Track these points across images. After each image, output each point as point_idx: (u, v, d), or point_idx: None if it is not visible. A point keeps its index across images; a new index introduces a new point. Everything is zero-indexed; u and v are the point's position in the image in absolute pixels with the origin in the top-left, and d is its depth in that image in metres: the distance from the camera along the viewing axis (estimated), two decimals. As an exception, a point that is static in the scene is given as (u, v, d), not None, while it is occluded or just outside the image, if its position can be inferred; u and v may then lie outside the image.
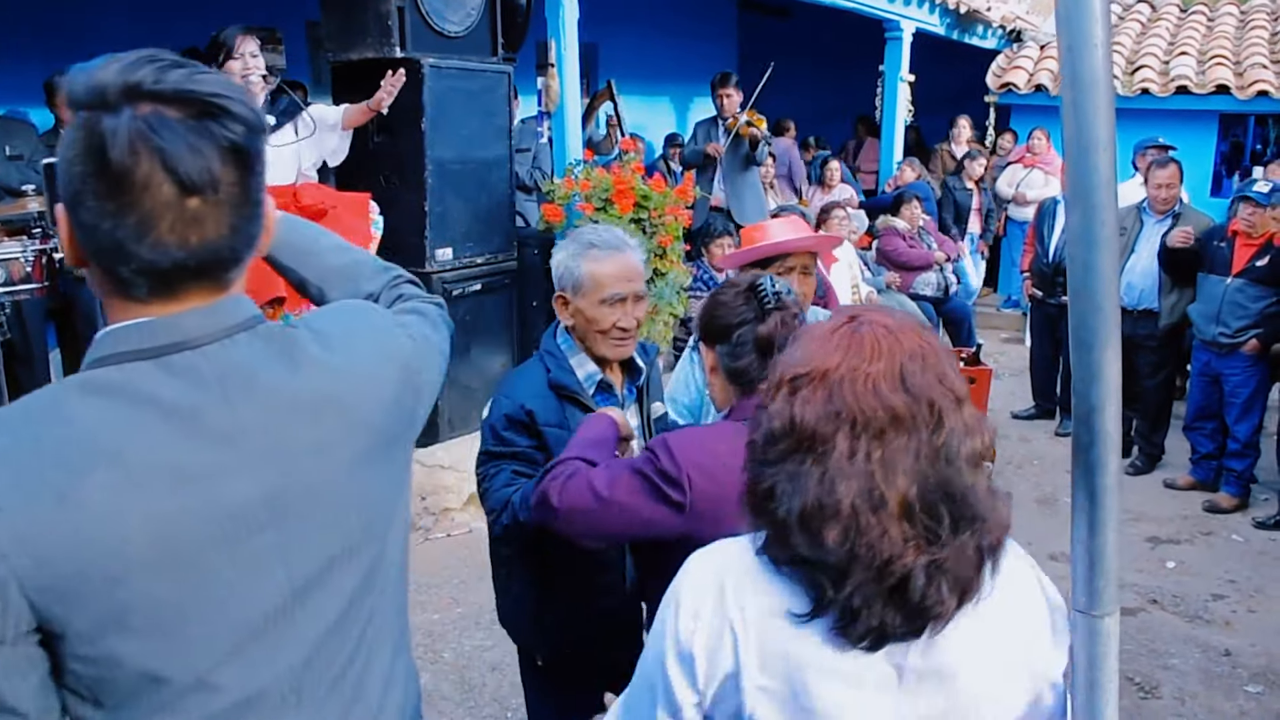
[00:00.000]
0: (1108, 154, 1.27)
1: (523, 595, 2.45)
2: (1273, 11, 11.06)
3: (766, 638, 1.23)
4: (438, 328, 1.52)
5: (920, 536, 1.19)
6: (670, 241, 6.01)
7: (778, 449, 1.24)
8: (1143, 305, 6.24)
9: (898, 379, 1.21)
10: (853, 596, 1.18)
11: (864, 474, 1.18)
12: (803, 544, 1.20)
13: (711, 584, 1.27)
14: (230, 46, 4.52)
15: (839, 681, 1.22)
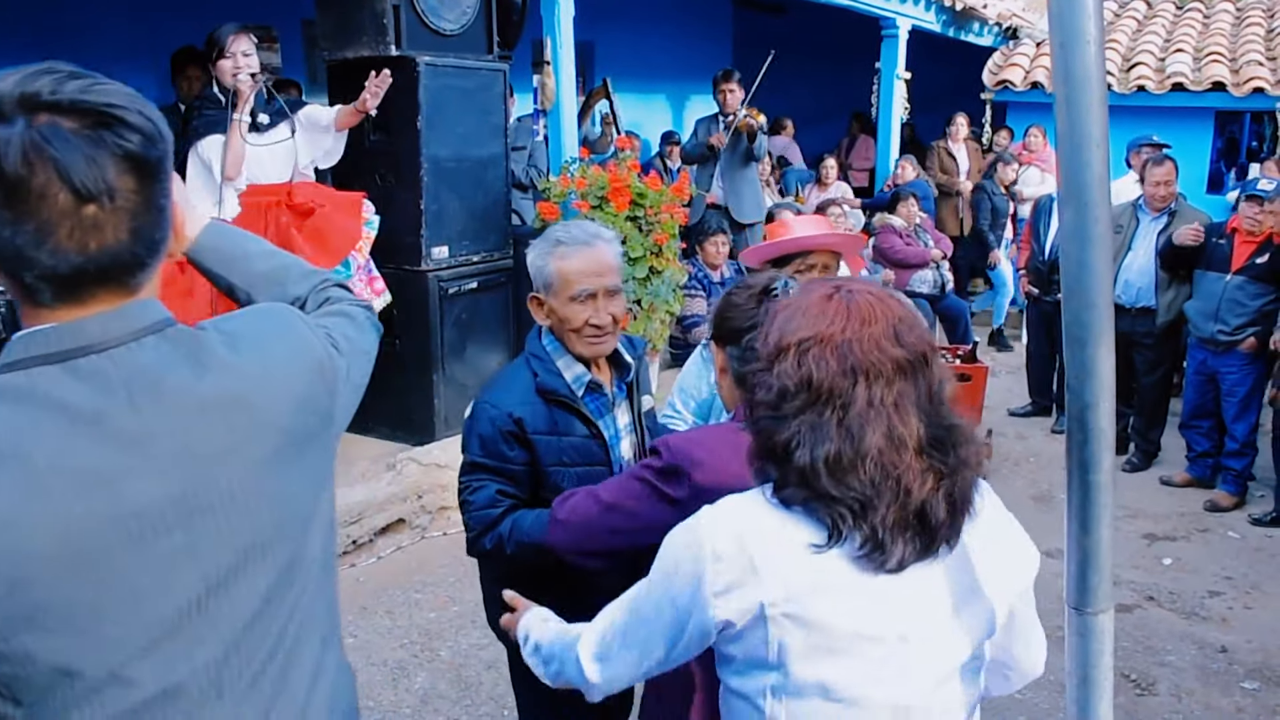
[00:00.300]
0: (1101, 150, 1.27)
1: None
2: (1268, 8, 11.07)
3: (789, 570, 1.37)
4: (364, 330, 1.56)
5: (933, 468, 1.37)
6: (666, 239, 6.01)
7: (793, 405, 1.38)
8: (1140, 303, 6.23)
9: (894, 336, 1.38)
10: (878, 527, 1.34)
11: (884, 418, 1.35)
12: (830, 485, 1.34)
13: (728, 529, 1.40)
14: (223, 45, 4.52)
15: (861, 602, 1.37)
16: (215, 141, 4.52)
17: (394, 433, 5.60)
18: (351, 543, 4.90)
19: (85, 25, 6.34)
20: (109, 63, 5.92)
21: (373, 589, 4.66)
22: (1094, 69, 1.25)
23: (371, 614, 4.44)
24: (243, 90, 4.51)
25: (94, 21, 6.40)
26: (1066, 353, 1.35)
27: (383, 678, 3.95)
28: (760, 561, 1.37)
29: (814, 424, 1.36)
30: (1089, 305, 1.31)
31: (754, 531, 1.39)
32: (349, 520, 4.88)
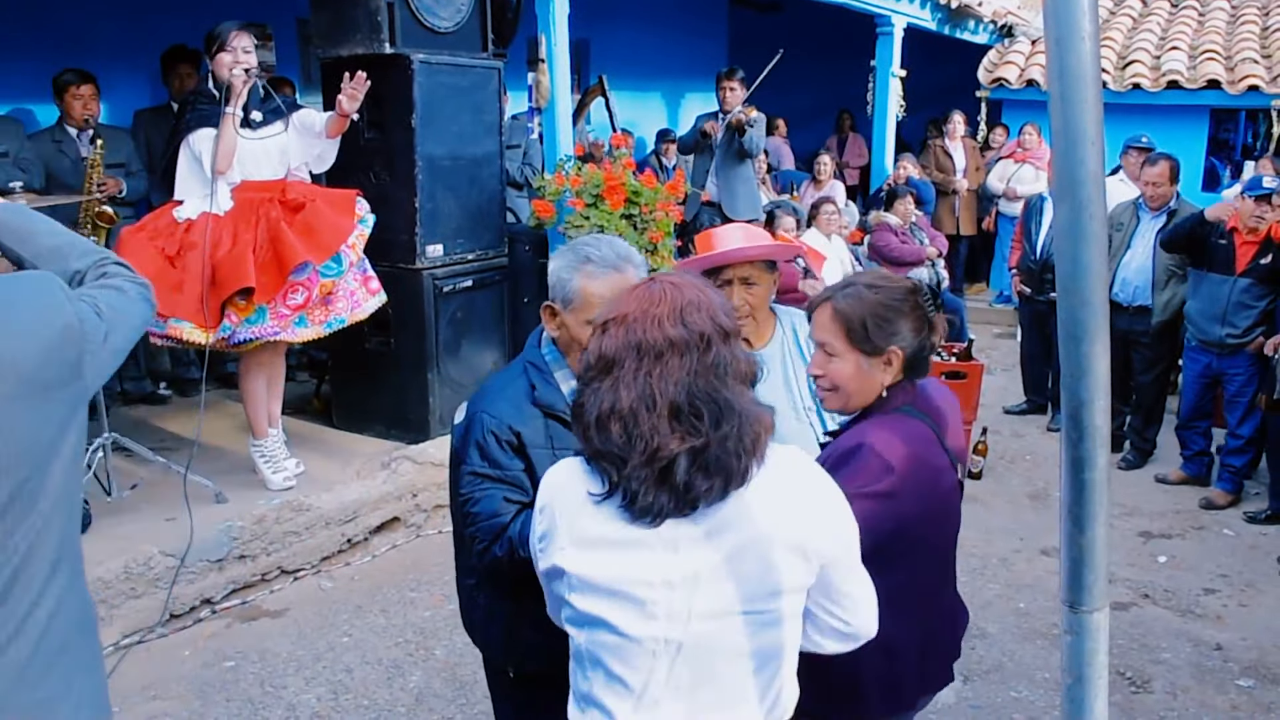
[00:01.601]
0: (1095, 147, 1.26)
1: (494, 608, 2.38)
2: (1263, 6, 11.08)
3: (576, 517, 1.64)
4: (133, 303, 1.82)
5: (684, 430, 1.56)
6: (661, 237, 6.00)
7: (590, 374, 1.64)
8: (1137, 301, 6.23)
9: (678, 317, 1.60)
10: (631, 479, 1.57)
11: (643, 384, 1.57)
12: (597, 439, 1.60)
13: (550, 483, 1.71)
14: (224, 39, 4.52)
15: (629, 550, 1.60)
16: (206, 134, 4.52)
17: (389, 431, 5.60)
18: (346, 541, 4.90)
19: (80, 25, 6.34)
20: (104, 61, 5.96)
21: (368, 587, 4.66)
22: (1089, 65, 1.25)
23: (366, 612, 4.43)
24: (236, 85, 4.51)
25: (89, 21, 6.40)
26: (1061, 350, 1.34)
27: (378, 676, 3.94)
28: (559, 511, 1.66)
29: (596, 389, 1.62)
30: (1083, 303, 1.30)
31: (561, 485, 1.68)
32: (344, 519, 4.87)
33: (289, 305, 4.59)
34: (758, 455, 1.61)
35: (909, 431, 2.11)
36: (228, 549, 4.44)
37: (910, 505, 2.06)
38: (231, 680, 3.90)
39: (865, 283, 2.19)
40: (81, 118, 5.50)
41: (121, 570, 4.10)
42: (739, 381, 1.62)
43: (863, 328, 2.11)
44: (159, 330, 4.47)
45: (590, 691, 1.69)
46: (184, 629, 4.25)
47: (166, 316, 4.43)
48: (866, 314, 2.11)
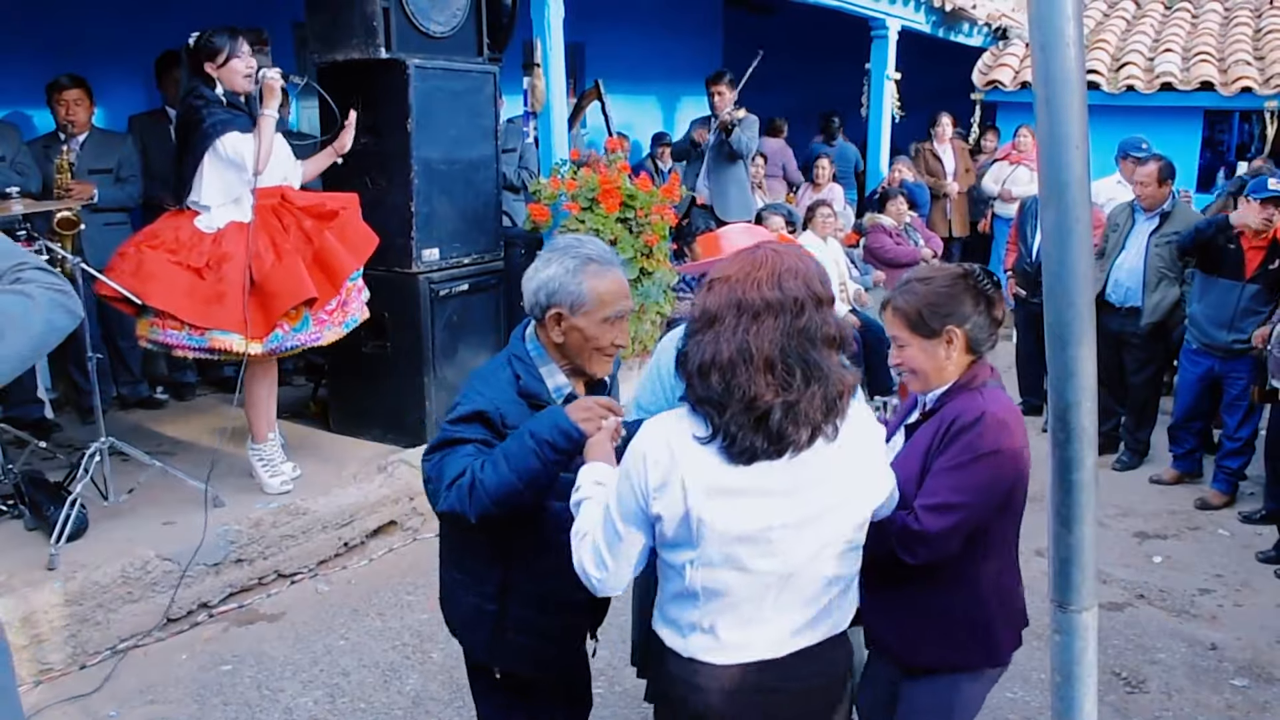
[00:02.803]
0: (1080, 151, 1.28)
1: (480, 607, 2.39)
2: (1256, 8, 11.11)
3: (698, 467, 1.84)
4: (40, 309, 1.81)
5: (777, 384, 1.79)
6: (657, 241, 6.02)
7: (695, 326, 1.87)
8: (1129, 302, 6.23)
9: (775, 281, 1.82)
10: (730, 423, 1.80)
11: (741, 338, 1.79)
12: (699, 386, 1.82)
13: (660, 437, 1.88)
14: (233, 48, 4.51)
15: (758, 497, 1.85)
16: (239, 138, 4.49)
17: (385, 435, 5.60)
18: (343, 544, 4.90)
19: (76, 29, 6.35)
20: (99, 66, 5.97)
21: (364, 591, 4.66)
22: (1074, 71, 1.26)
23: (363, 616, 4.44)
24: (274, 87, 4.52)
25: (84, 25, 6.41)
26: (1049, 353, 1.36)
27: (374, 679, 3.95)
28: (680, 460, 1.83)
29: (699, 341, 1.84)
30: (1070, 305, 1.32)
31: (670, 436, 1.86)
32: (340, 522, 4.88)
33: (326, 311, 4.66)
34: (842, 412, 1.86)
35: (1005, 401, 2.41)
36: (225, 553, 4.45)
37: (1026, 460, 2.35)
38: (229, 684, 3.91)
39: (918, 278, 2.47)
40: (63, 122, 5.49)
41: (119, 574, 4.10)
42: (827, 345, 1.83)
43: (919, 316, 2.39)
44: (196, 343, 4.46)
45: (698, 620, 1.94)
46: (181, 633, 4.25)
47: (206, 329, 4.43)
48: (920, 304, 2.39)
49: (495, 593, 2.36)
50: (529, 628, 2.39)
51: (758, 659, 1.94)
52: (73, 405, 5.90)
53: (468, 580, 2.42)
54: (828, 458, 1.87)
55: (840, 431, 1.87)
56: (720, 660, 1.95)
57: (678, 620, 1.98)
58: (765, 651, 1.95)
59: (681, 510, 1.84)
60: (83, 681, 3.86)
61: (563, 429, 2.13)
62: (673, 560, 1.93)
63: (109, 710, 3.73)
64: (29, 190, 5.13)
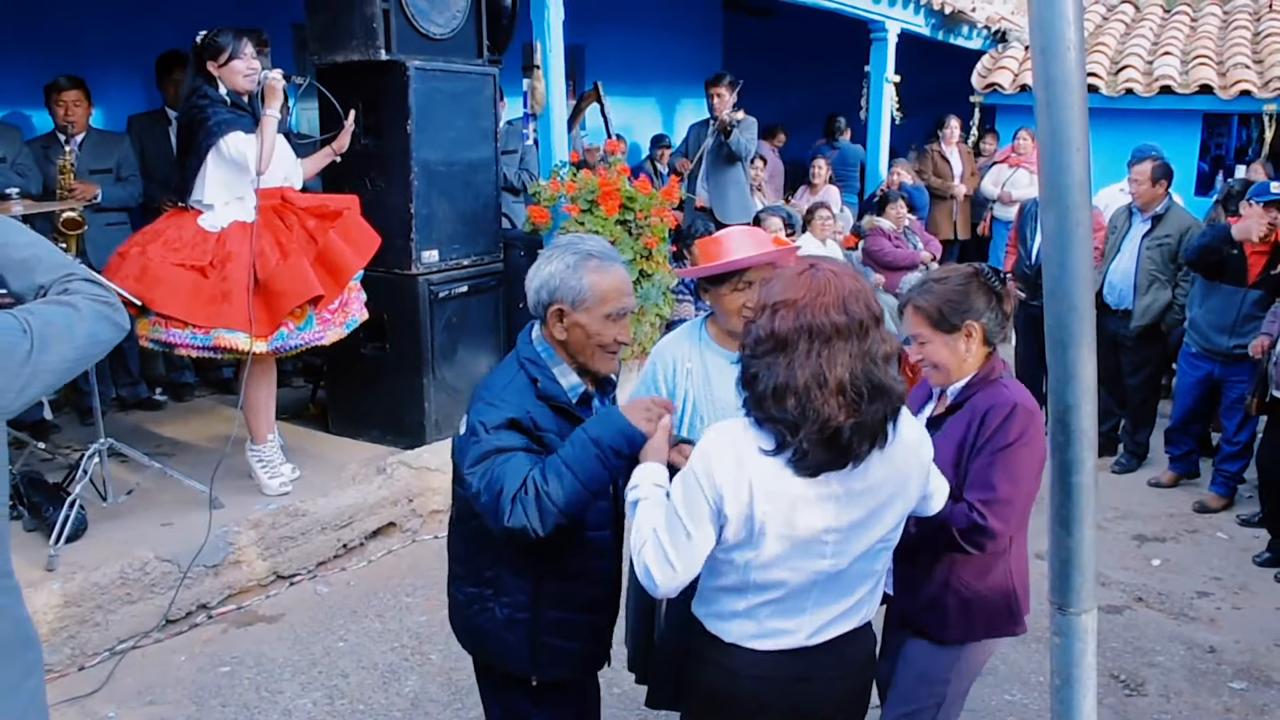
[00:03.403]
0: (1081, 154, 1.28)
1: (514, 618, 2.36)
2: (1254, 11, 11.12)
3: (763, 475, 1.93)
4: (86, 321, 1.84)
5: (848, 405, 1.88)
6: (656, 243, 6.02)
7: (762, 348, 1.94)
8: (1124, 305, 6.24)
9: (841, 305, 1.90)
10: (803, 442, 1.89)
11: (815, 365, 1.88)
12: (773, 408, 1.91)
13: (728, 444, 1.97)
14: (235, 48, 4.52)
15: (815, 504, 1.95)
16: (242, 138, 4.51)
17: (384, 436, 5.60)
18: (342, 546, 4.90)
19: (74, 30, 6.35)
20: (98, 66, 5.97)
21: (363, 592, 4.66)
22: (1074, 74, 1.27)
23: (362, 617, 4.44)
24: (275, 88, 4.52)
25: (83, 26, 6.41)
26: (1049, 355, 1.36)
27: (373, 681, 3.95)
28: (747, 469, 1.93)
29: (770, 364, 1.91)
30: (1070, 308, 1.32)
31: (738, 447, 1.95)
32: (339, 524, 4.88)
33: (329, 310, 4.67)
34: (895, 420, 1.98)
35: (1025, 391, 2.58)
36: (223, 554, 4.44)
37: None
38: (227, 685, 3.91)
39: (934, 279, 2.63)
40: (62, 123, 5.48)
41: (117, 575, 4.10)
42: (885, 361, 1.94)
43: (940, 313, 2.55)
44: (202, 342, 4.46)
45: (743, 609, 2.08)
46: (180, 634, 4.25)
47: (211, 328, 4.43)
48: (940, 302, 2.55)
49: (528, 600, 2.34)
50: (563, 630, 2.38)
51: (794, 646, 2.08)
52: (72, 406, 5.90)
53: (491, 593, 2.38)
54: (879, 462, 1.98)
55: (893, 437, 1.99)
56: (760, 647, 2.08)
57: (722, 608, 2.10)
58: (802, 640, 2.08)
59: (746, 514, 1.94)
60: (81, 682, 3.86)
61: (627, 434, 2.15)
62: (729, 558, 2.03)
63: (108, 711, 3.73)
64: (29, 192, 5.13)
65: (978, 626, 2.63)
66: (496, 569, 2.37)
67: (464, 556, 2.46)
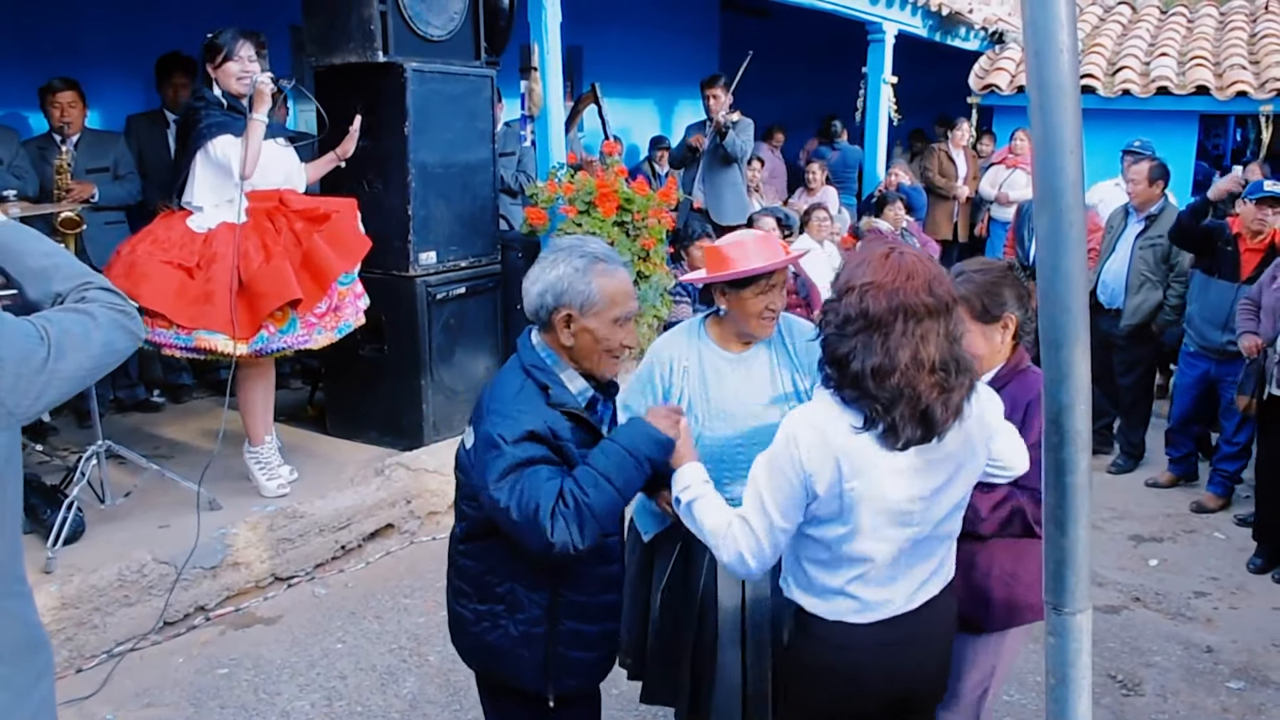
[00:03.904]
0: (1075, 157, 1.28)
1: (527, 632, 2.32)
2: (1251, 13, 11.15)
3: (854, 452, 2.03)
4: (102, 329, 1.85)
5: (939, 383, 1.99)
6: (654, 244, 6.02)
7: (852, 327, 2.01)
8: (1116, 304, 6.26)
9: (928, 288, 2.00)
10: (896, 419, 1.99)
11: (912, 345, 1.98)
12: (872, 386, 1.99)
13: (812, 426, 2.07)
14: (230, 49, 4.53)
15: (903, 476, 2.07)
16: (229, 141, 4.52)
17: (382, 438, 5.60)
18: (340, 548, 4.90)
19: (73, 31, 6.35)
20: (96, 68, 5.96)
21: (361, 594, 4.66)
22: (1068, 77, 1.27)
23: (360, 619, 4.44)
24: (264, 92, 4.52)
25: (80, 28, 6.41)
26: (1043, 356, 1.37)
27: (371, 683, 3.95)
28: (838, 449, 2.02)
29: (866, 343, 1.99)
30: (1064, 309, 1.32)
31: (827, 427, 2.04)
32: (337, 525, 4.88)
33: (315, 314, 4.64)
34: (972, 395, 2.08)
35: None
36: (222, 556, 4.45)
37: None
38: (225, 687, 3.91)
39: (973, 269, 2.68)
40: (58, 124, 5.48)
41: (115, 577, 4.10)
42: (960, 340, 2.07)
43: (981, 304, 2.60)
44: (184, 343, 4.46)
45: (841, 585, 2.17)
46: (178, 636, 4.25)
47: (194, 328, 4.44)
48: (981, 293, 2.60)
49: (543, 614, 2.31)
50: (580, 641, 2.35)
51: (893, 614, 2.20)
52: (69, 408, 5.89)
53: (504, 609, 2.34)
54: (956, 431, 2.09)
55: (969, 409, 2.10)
56: (863, 620, 2.19)
57: (819, 587, 2.21)
58: (900, 607, 2.21)
59: (837, 490, 2.04)
60: (79, 685, 3.86)
61: (659, 440, 2.21)
62: (819, 535, 2.14)
63: (105, 713, 3.73)
64: (26, 193, 5.14)
65: (1020, 612, 2.69)
66: (510, 585, 2.32)
67: (472, 574, 2.39)
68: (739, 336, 2.86)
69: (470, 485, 2.28)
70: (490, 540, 2.27)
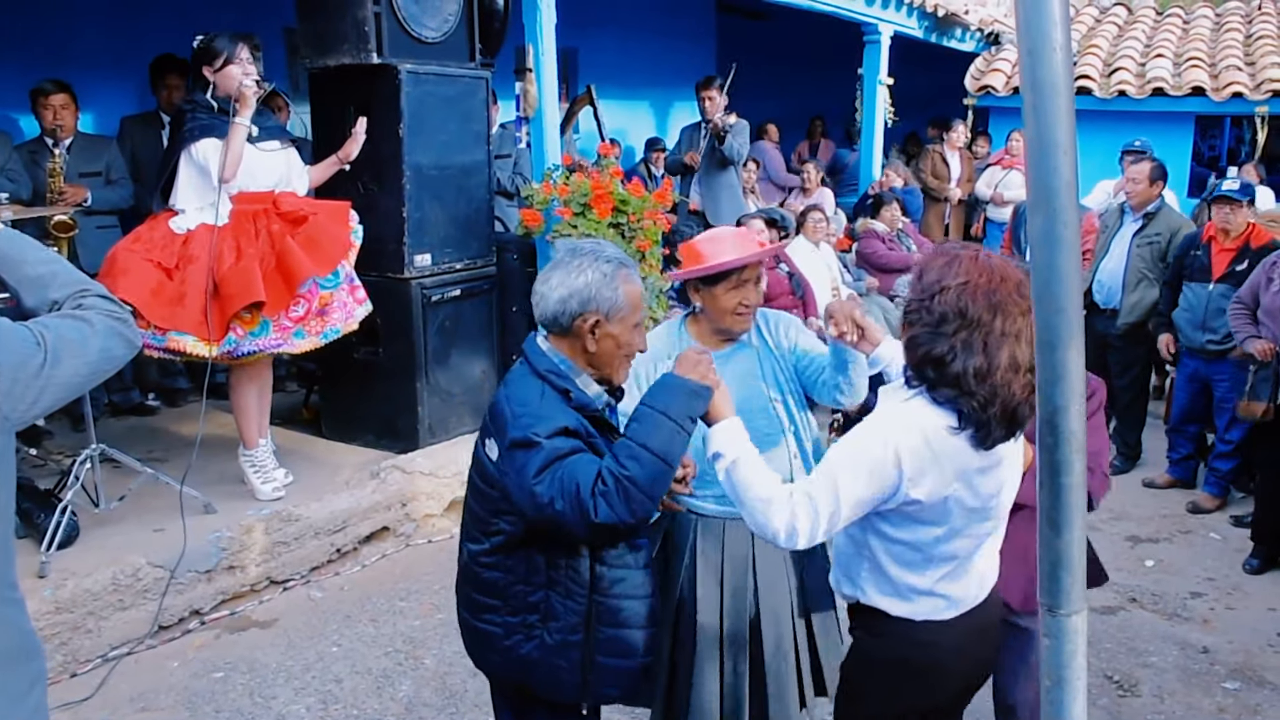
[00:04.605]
0: (1068, 157, 1.28)
1: (564, 641, 2.27)
2: (1247, 14, 11.17)
3: (950, 453, 2.06)
4: (99, 336, 1.86)
5: (1028, 384, 1.98)
6: (649, 246, 6.01)
7: (950, 327, 2.02)
8: (1112, 304, 6.26)
9: (1019, 289, 2.01)
10: (989, 419, 2.02)
11: (1009, 345, 1.99)
12: (974, 385, 2.00)
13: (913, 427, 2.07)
14: (231, 52, 4.52)
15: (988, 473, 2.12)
16: (211, 144, 4.52)
17: (378, 441, 5.60)
18: (336, 551, 4.89)
19: (66, 34, 6.34)
20: (90, 70, 5.96)
21: (357, 597, 4.65)
22: (1061, 76, 1.26)
23: (356, 622, 4.43)
24: (248, 95, 4.51)
25: (75, 31, 6.40)
26: (1037, 357, 1.36)
27: (367, 686, 3.94)
28: (936, 450, 2.05)
29: (966, 342, 2.00)
30: (1058, 310, 1.31)
31: (923, 428, 2.06)
32: (333, 529, 4.87)
33: (291, 318, 4.60)
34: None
35: None
36: (217, 560, 4.44)
37: None
38: (221, 691, 3.90)
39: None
40: (50, 127, 5.47)
41: (109, 582, 4.09)
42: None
43: None
44: (158, 343, 4.46)
45: (927, 585, 2.21)
46: (173, 640, 4.24)
47: (167, 329, 4.42)
48: None
49: (580, 621, 2.26)
50: (617, 647, 2.30)
51: (971, 605, 2.27)
52: (64, 412, 5.88)
53: (537, 619, 2.27)
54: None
55: None
56: (949, 615, 2.24)
57: (905, 589, 2.23)
58: (977, 597, 2.28)
59: (942, 493, 2.07)
60: (75, 689, 3.85)
61: (694, 390, 2.13)
62: (911, 538, 2.17)
63: (100, 718, 3.72)
64: (19, 197, 5.13)
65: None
66: (544, 593, 2.26)
67: (500, 586, 2.30)
68: (717, 334, 2.86)
69: (502, 495, 2.20)
70: (523, 550, 2.21)
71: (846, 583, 2.35)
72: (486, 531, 2.29)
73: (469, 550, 2.36)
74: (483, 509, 2.29)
